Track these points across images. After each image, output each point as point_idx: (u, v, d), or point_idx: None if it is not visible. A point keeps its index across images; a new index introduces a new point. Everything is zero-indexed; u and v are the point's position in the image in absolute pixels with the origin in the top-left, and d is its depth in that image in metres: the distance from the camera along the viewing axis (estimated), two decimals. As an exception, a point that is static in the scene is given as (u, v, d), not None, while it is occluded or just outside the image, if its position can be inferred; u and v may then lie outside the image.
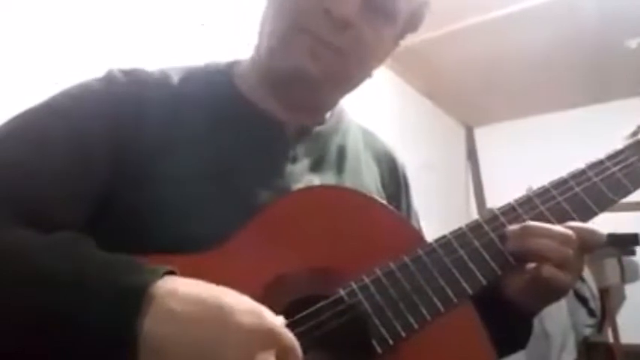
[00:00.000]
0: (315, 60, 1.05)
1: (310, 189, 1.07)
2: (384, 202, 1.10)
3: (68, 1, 2.33)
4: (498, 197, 1.06)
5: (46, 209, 0.92)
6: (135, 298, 0.71)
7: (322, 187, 1.09)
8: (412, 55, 4.00)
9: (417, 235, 1.06)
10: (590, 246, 1.01)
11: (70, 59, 2.21)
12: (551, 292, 1.03)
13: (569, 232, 0.99)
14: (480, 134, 5.80)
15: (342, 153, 1.20)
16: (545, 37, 4.11)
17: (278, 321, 0.77)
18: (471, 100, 5.19)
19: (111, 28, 2.43)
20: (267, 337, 0.74)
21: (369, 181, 1.21)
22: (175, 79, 1.12)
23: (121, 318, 0.70)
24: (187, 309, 0.72)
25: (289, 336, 0.77)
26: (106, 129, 1.00)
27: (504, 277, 1.02)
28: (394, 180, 1.30)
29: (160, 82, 1.10)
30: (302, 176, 1.10)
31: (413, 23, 1.18)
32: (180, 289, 0.74)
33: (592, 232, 1.01)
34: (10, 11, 2.15)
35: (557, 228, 1.00)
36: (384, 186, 1.26)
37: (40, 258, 0.77)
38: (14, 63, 2.11)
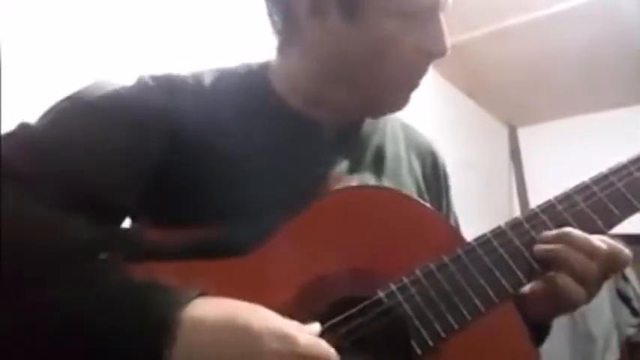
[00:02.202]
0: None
1: (350, 189, 1.07)
2: (424, 202, 1.09)
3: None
4: (542, 198, 1.04)
5: (101, 187, 0.95)
6: (163, 330, 0.72)
7: (362, 188, 1.09)
8: (455, 54, 3.94)
9: (457, 234, 1.06)
10: (616, 265, 0.99)
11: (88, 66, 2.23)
12: (562, 304, 1.00)
13: (602, 246, 0.97)
14: (523, 134, 5.74)
15: (380, 154, 1.20)
16: (588, 37, 4.05)
17: (310, 340, 0.76)
18: (514, 99, 5.13)
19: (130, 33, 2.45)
20: None
21: (409, 181, 1.21)
22: (208, 81, 1.13)
23: (151, 350, 0.71)
24: (216, 338, 0.73)
25: (324, 352, 0.76)
26: (136, 137, 1.02)
27: None
28: (436, 176, 1.30)
29: (192, 85, 1.11)
30: (340, 179, 1.10)
31: None
32: (209, 315, 0.74)
33: (620, 251, 0.99)
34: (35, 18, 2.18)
35: (591, 240, 0.97)
36: (426, 182, 1.25)
37: (69, 288, 0.77)
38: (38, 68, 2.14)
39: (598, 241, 0.98)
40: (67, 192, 0.88)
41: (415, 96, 1.14)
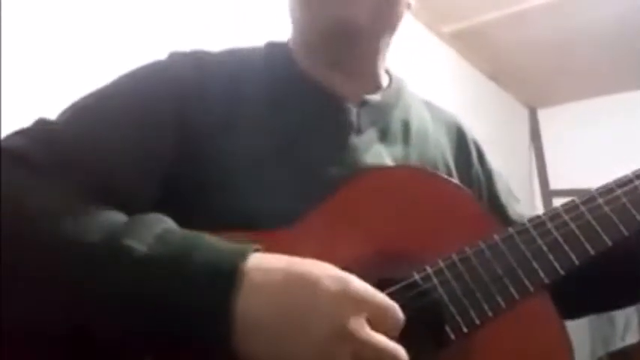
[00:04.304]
0: (351, 5, 1.07)
1: (385, 169, 1.08)
2: (460, 183, 1.09)
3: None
4: (562, 179, 1.04)
5: (119, 186, 0.95)
6: (229, 279, 0.74)
7: (396, 168, 1.10)
8: (476, 35, 3.96)
9: (492, 219, 1.05)
10: None
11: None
12: None
13: None
14: (544, 115, 5.72)
15: (406, 127, 1.20)
16: (610, 17, 4.03)
17: (363, 283, 0.78)
18: (534, 81, 5.10)
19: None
20: (355, 303, 0.75)
21: (436, 156, 1.21)
22: (236, 58, 1.16)
23: (218, 298, 0.73)
24: (277, 285, 0.75)
25: (379, 297, 0.78)
26: (170, 108, 1.03)
27: None
28: (464, 149, 1.30)
29: (221, 61, 1.14)
30: (369, 147, 1.11)
31: None
32: (269, 265, 0.77)
33: None
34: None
35: None
36: (454, 157, 1.26)
37: (130, 242, 0.78)
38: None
39: None
40: (79, 188, 0.89)
41: (437, 77, 1.13)
